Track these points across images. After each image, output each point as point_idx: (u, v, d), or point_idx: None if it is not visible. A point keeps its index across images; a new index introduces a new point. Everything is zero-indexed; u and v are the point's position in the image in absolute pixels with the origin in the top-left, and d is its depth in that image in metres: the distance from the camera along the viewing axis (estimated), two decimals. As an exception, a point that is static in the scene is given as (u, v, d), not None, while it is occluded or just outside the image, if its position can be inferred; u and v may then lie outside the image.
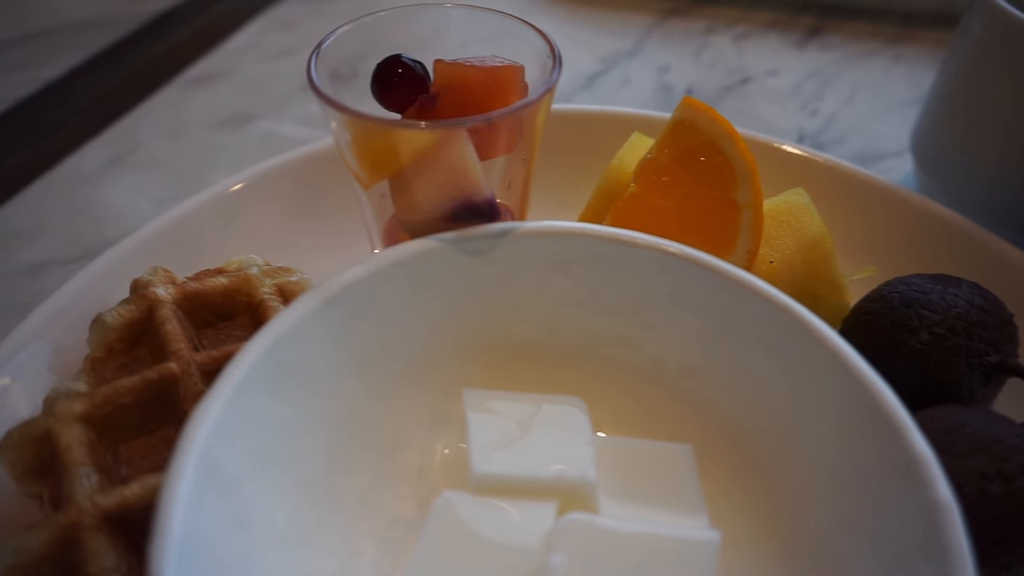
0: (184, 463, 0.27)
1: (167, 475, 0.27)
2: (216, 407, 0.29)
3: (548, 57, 0.38)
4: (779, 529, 0.31)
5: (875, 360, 0.33)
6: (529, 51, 0.39)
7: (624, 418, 0.36)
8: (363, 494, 0.34)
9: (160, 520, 0.26)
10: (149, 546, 0.25)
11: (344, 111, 0.35)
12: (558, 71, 0.36)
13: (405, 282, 0.36)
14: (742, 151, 0.41)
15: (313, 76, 0.36)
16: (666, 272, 0.36)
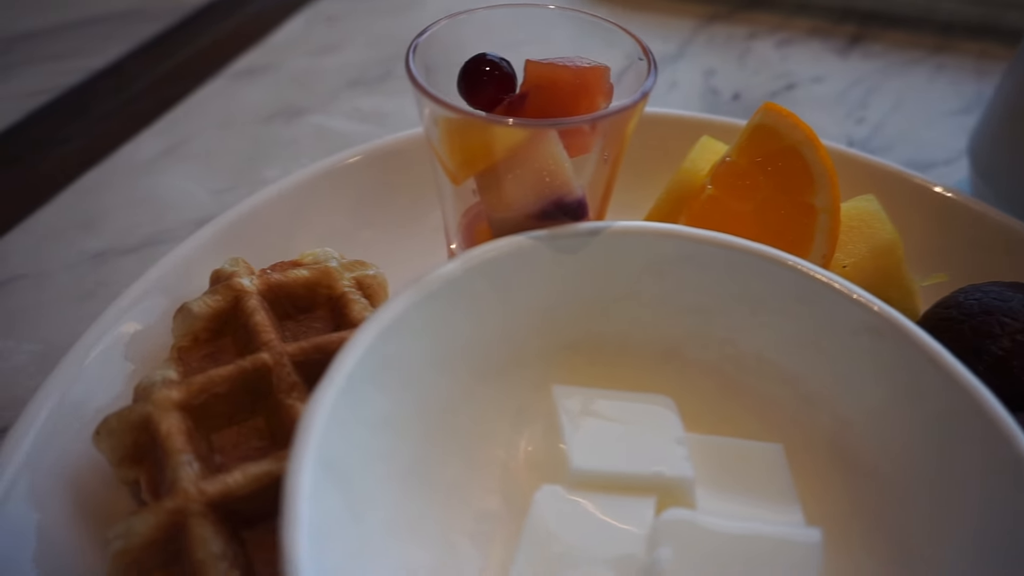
0: (305, 451, 0.28)
1: (290, 463, 0.27)
2: (330, 397, 0.29)
3: (639, 59, 0.38)
4: (875, 528, 0.32)
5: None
6: (618, 53, 0.39)
7: (711, 418, 0.36)
8: (453, 488, 0.35)
9: (288, 507, 0.26)
10: (279, 532, 0.26)
11: (446, 106, 0.35)
12: (654, 75, 0.37)
13: (497, 279, 0.36)
14: (822, 157, 0.42)
15: (412, 70, 0.36)
16: (756, 274, 0.36)
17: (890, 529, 0.32)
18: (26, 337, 0.49)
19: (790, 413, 0.36)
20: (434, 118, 0.37)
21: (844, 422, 0.34)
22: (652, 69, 0.37)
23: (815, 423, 0.35)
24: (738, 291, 0.37)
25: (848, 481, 0.34)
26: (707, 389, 0.37)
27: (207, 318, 0.39)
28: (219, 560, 0.31)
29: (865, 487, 0.33)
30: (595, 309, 0.38)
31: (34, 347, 0.48)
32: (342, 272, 0.42)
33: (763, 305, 0.36)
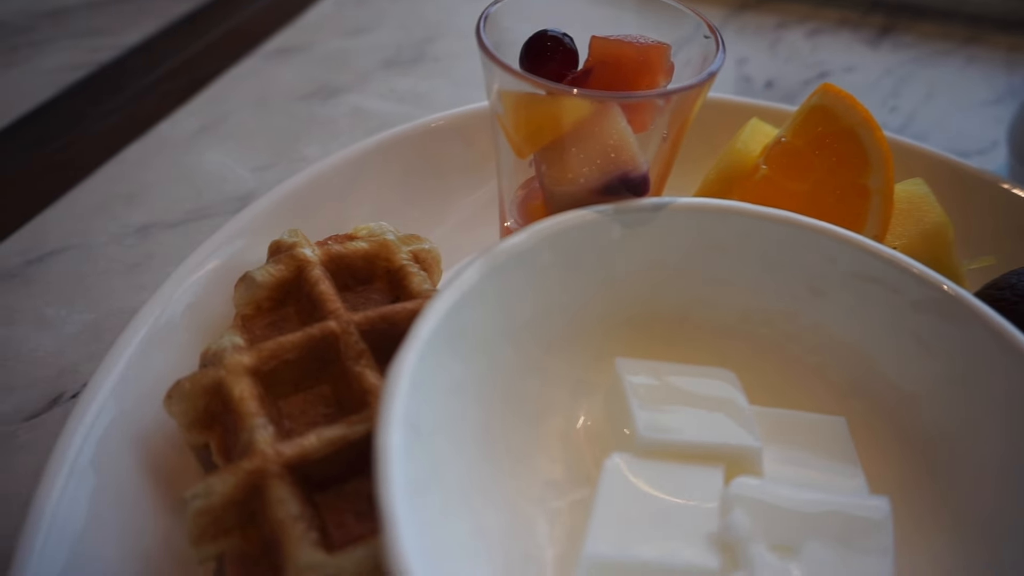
0: (393, 412, 0.28)
1: (379, 423, 0.28)
2: (412, 361, 0.30)
3: (705, 36, 0.39)
4: (939, 500, 0.33)
5: None
6: (682, 34, 0.40)
7: (773, 391, 0.37)
8: (518, 456, 0.35)
9: (381, 465, 0.27)
10: (375, 489, 0.26)
11: (521, 76, 0.36)
12: (722, 54, 0.37)
13: (562, 252, 0.37)
14: (879, 139, 0.42)
15: (484, 40, 0.37)
16: (817, 250, 0.37)
17: (955, 501, 0.32)
18: (77, 306, 0.49)
19: (852, 387, 0.36)
20: (502, 90, 0.38)
21: (907, 396, 0.35)
22: (720, 48, 0.38)
23: (878, 397, 0.36)
24: (799, 267, 0.37)
25: (910, 454, 0.34)
26: (768, 364, 0.38)
27: (270, 287, 0.40)
28: (297, 520, 0.31)
29: (928, 460, 0.33)
30: (656, 284, 0.39)
31: (86, 316, 0.49)
32: (399, 245, 0.42)
33: (824, 281, 0.37)
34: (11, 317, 0.49)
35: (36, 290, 0.50)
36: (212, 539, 0.32)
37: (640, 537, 0.30)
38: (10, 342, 0.47)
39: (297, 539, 0.31)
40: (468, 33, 0.80)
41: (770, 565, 0.29)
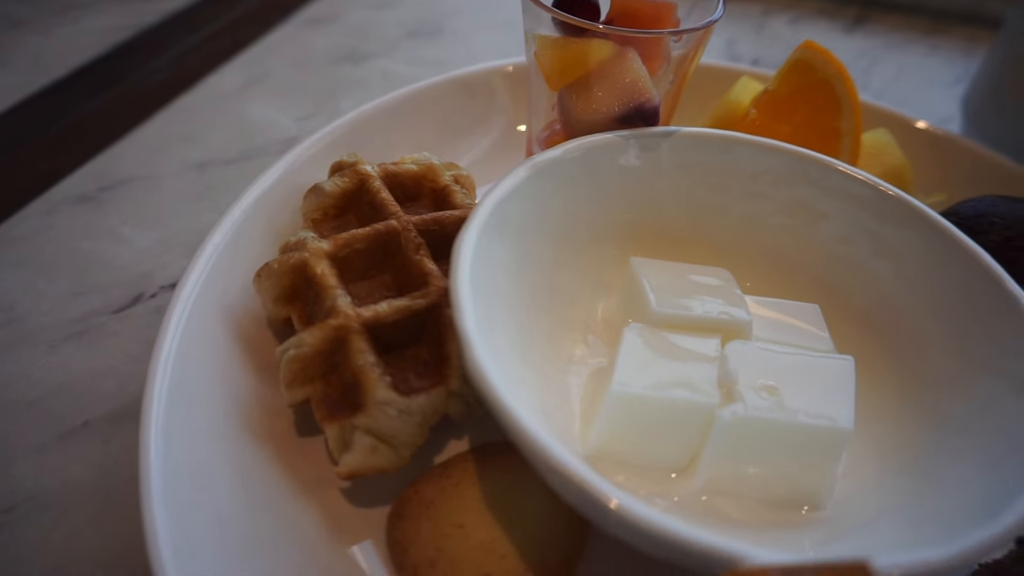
0: (461, 269, 0.35)
1: (451, 277, 0.35)
2: (472, 238, 0.37)
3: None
4: (895, 366, 0.40)
5: None
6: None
7: (761, 284, 0.45)
8: (549, 334, 0.42)
9: (457, 304, 0.34)
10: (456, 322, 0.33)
11: (558, 15, 0.43)
12: (722, 7, 0.45)
13: (587, 168, 0.44)
14: (849, 89, 0.50)
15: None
16: (808, 173, 0.44)
17: (904, 364, 0.40)
18: (147, 227, 0.56)
19: (826, 281, 0.44)
20: (538, 34, 0.45)
21: (870, 286, 0.43)
22: (720, 2, 0.45)
23: (847, 288, 0.43)
24: (793, 187, 0.45)
25: (869, 330, 0.42)
26: (759, 263, 0.45)
27: (336, 196, 0.46)
28: (374, 366, 0.38)
29: (882, 335, 0.41)
30: (666, 199, 0.46)
31: (156, 233, 0.55)
32: (443, 169, 0.49)
33: (813, 198, 0.44)
34: (90, 233, 0.55)
35: (111, 211, 0.57)
36: (301, 384, 0.39)
37: (655, 381, 0.37)
38: (92, 253, 0.53)
39: (375, 380, 0.37)
40: (482, 11, 0.88)
41: (757, 399, 0.36)
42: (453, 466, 0.39)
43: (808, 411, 0.36)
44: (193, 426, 0.38)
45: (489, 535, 0.36)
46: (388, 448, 0.37)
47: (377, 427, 0.37)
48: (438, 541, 0.36)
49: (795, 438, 0.36)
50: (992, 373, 0.36)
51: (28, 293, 0.50)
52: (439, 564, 0.35)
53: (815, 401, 0.36)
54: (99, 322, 0.49)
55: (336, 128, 0.54)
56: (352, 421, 0.37)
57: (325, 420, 0.38)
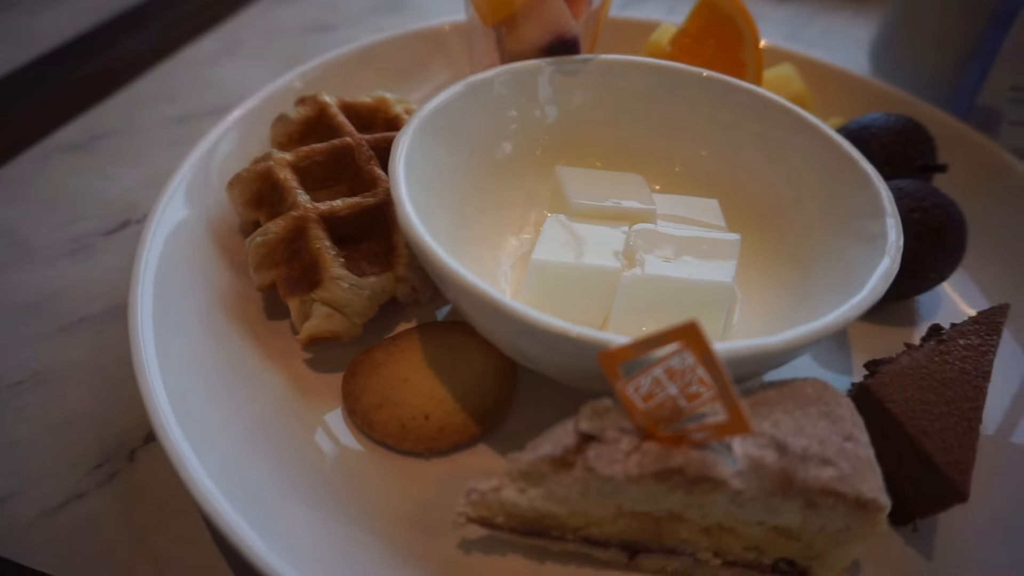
0: (399, 156, 0.42)
1: (391, 157, 0.41)
2: (408, 135, 0.44)
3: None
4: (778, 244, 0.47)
5: None
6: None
7: (670, 186, 0.51)
8: (485, 230, 0.49)
9: (394, 178, 0.40)
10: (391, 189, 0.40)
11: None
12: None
13: (517, 88, 0.51)
14: (749, 24, 0.57)
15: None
16: (715, 93, 0.51)
17: (789, 241, 0.47)
18: (132, 167, 0.62)
19: (729, 182, 0.50)
20: (473, -26, 0.52)
21: (760, 183, 0.49)
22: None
23: (741, 185, 0.50)
24: (700, 103, 0.51)
25: (764, 218, 0.49)
26: (671, 171, 0.52)
27: (300, 122, 0.53)
28: (330, 249, 0.44)
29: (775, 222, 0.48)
30: (591, 118, 0.52)
31: (140, 172, 0.61)
32: (395, 102, 0.56)
33: (717, 112, 0.51)
34: (81, 173, 0.61)
35: (99, 156, 0.63)
36: (267, 268, 0.45)
37: (570, 253, 0.44)
38: (83, 189, 0.60)
39: (330, 260, 0.44)
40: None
41: (654, 263, 0.43)
42: (400, 337, 0.45)
43: (697, 272, 0.43)
44: (177, 311, 0.44)
45: (429, 386, 0.43)
46: (341, 316, 0.43)
47: (332, 298, 0.43)
48: (385, 391, 0.42)
49: (686, 293, 0.42)
50: (847, 234, 0.43)
51: (27, 220, 0.56)
52: (385, 407, 0.41)
53: (704, 266, 0.43)
54: (91, 242, 0.55)
55: (303, 72, 0.61)
56: (311, 295, 0.44)
57: (288, 296, 0.44)
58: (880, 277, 0.37)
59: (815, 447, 0.31)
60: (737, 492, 0.31)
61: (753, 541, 0.33)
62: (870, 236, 0.40)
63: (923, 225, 0.46)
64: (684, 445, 0.31)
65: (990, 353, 0.39)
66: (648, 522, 0.33)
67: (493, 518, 0.34)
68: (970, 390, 0.37)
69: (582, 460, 0.31)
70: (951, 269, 0.48)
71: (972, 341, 0.40)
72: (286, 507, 0.37)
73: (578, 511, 0.33)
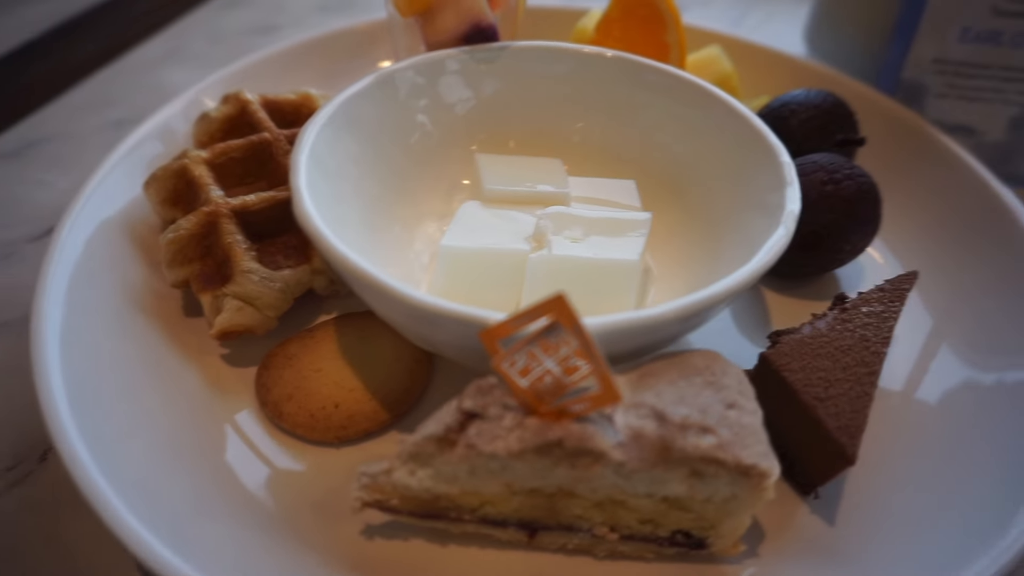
0: (303, 147, 0.42)
1: (294, 153, 0.41)
2: (317, 124, 0.44)
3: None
4: (694, 218, 0.47)
5: None
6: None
7: (589, 170, 0.51)
8: (405, 220, 0.49)
9: (294, 169, 0.40)
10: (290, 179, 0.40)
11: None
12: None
13: (434, 77, 0.51)
14: (670, 5, 0.57)
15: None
16: (623, 71, 0.51)
17: (701, 218, 0.47)
18: (65, 173, 0.62)
19: (646, 163, 0.50)
20: (386, -33, 0.52)
21: (677, 162, 0.49)
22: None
23: (659, 166, 0.50)
24: (617, 86, 0.51)
25: (679, 197, 0.49)
26: (590, 154, 0.52)
27: (221, 120, 0.53)
28: (241, 243, 0.44)
29: (689, 200, 0.48)
30: (508, 105, 0.52)
31: (73, 178, 0.61)
32: (320, 99, 0.56)
33: (633, 93, 0.51)
34: (16, 181, 0.61)
35: (35, 164, 0.63)
36: (180, 264, 0.45)
37: (480, 238, 0.44)
38: (16, 196, 0.60)
39: (241, 254, 0.44)
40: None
41: (563, 244, 0.43)
42: (316, 328, 0.45)
43: (604, 251, 0.43)
44: (89, 313, 0.44)
45: (341, 375, 0.43)
46: (253, 309, 0.43)
47: (243, 292, 0.43)
48: (297, 381, 0.42)
49: (594, 272, 0.42)
50: (752, 207, 0.43)
51: (-44, 228, 0.56)
52: (295, 397, 0.42)
53: (613, 245, 0.43)
54: (17, 248, 0.55)
55: (228, 70, 0.61)
56: (223, 290, 0.44)
57: (200, 291, 0.44)
58: (771, 247, 0.37)
59: (695, 416, 0.31)
60: (619, 464, 0.31)
61: (647, 514, 0.33)
62: (772, 208, 0.40)
63: (836, 197, 0.47)
64: (566, 419, 0.31)
65: (891, 319, 0.39)
66: (541, 499, 0.33)
67: (388, 501, 0.34)
68: (868, 356, 0.37)
69: (464, 438, 0.31)
70: (867, 240, 0.48)
71: (875, 308, 0.40)
72: (193, 506, 0.37)
73: (470, 491, 0.33)
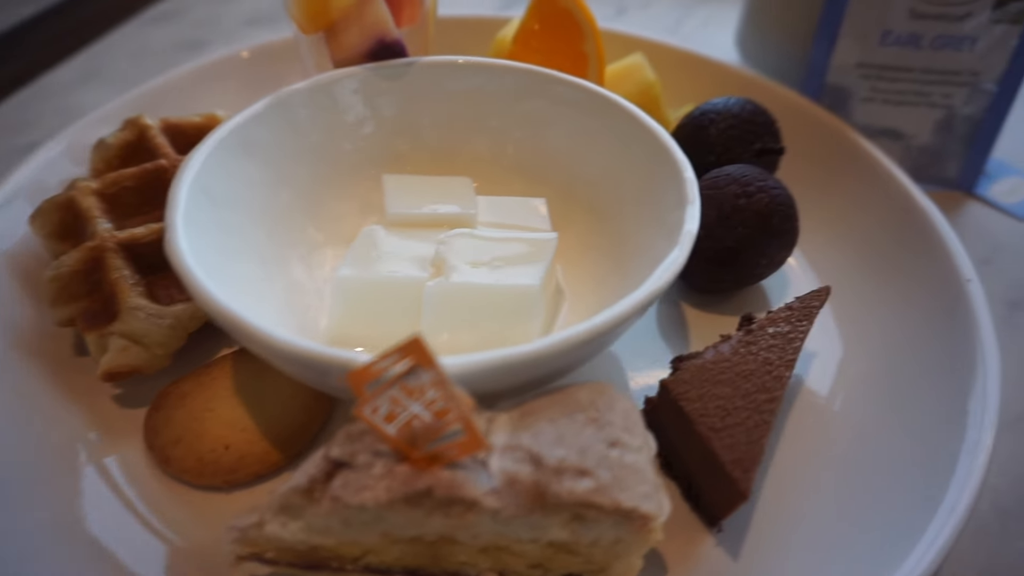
0: (184, 177, 0.40)
1: (173, 185, 0.39)
2: (209, 146, 0.42)
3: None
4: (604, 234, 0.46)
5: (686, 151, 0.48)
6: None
7: (502, 188, 0.49)
8: (313, 245, 0.47)
9: (171, 201, 0.38)
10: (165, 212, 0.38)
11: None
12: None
13: (339, 96, 0.49)
14: (587, 15, 0.55)
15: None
16: (533, 86, 0.49)
17: (609, 235, 0.45)
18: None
19: (558, 179, 0.49)
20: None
21: (588, 179, 0.48)
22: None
23: (570, 182, 0.49)
24: (528, 100, 0.50)
25: (591, 213, 0.47)
26: (504, 171, 0.50)
27: (118, 147, 0.50)
28: (128, 279, 0.42)
29: (599, 216, 0.47)
30: (421, 122, 0.51)
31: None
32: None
33: (543, 108, 0.49)
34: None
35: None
36: (65, 303, 0.43)
37: (376, 267, 0.42)
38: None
39: (127, 290, 0.42)
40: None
41: (462, 271, 0.41)
42: (212, 364, 0.43)
43: (505, 277, 0.41)
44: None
45: (235, 415, 0.41)
46: (140, 348, 0.41)
47: (129, 330, 0.41)
48: (188, 422, 0.40)
49: (493, 300, 0.40)
50: (657, 225, 0.41)
51: None
52: (185, 440, 0.40)
53: (514, 270, 0.41)
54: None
55: (134, 93, 0.59)
56: (109, 328, 0.42)
57: (86, 331, 0.42)
58: (663, 271, 0.35)
59: (573, 457, 0.29)
60: (494, 511, 0.29)
61: (534, 559, 0.32)
62: (672, 227, 0.39)
63: (749, 211, 0.45)
64: (438, 465, 0.29)
65: (797, 340, 0.38)
66: (423, 547, 0.32)
67: (264, 554, 0.32)
68: (770, 381, 0.36)
69: (330, 490, 0.29)
70: (785, 253, 0.47)
71: (781, 329, 0.38)
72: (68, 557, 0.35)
73: (348, 541, 0.32)
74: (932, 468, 0.38)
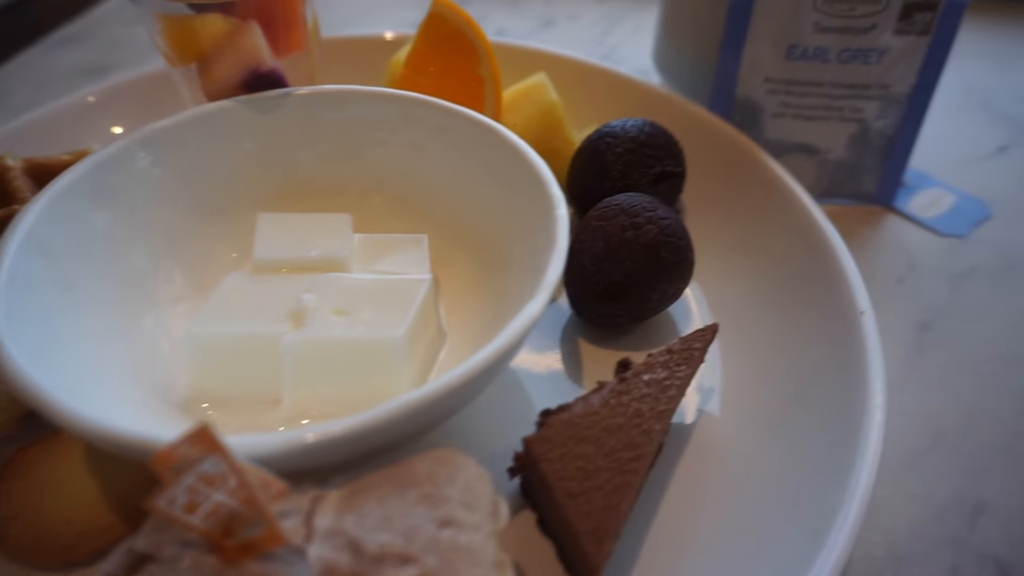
0: (16, 231, 0.37)
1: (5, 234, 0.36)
2: (50, 195, 0.39)
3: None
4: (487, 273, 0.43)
5: (585, 176, 0.45)
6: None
7: (383, 223, 0.47)
8: (179, 296, 0.44)
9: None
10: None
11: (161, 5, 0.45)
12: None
13: (209, 132, 0.46)
14: (480, 35, 0.53)
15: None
16: (410, 114, 0.47)
17: (491, 272, 0.43)
18: None
19: (439, 213, 0.46)
20: (155, 16, 0.47)
21: (470, 214, 0.45)
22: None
23: (451, 216, 0.46)
24: (407, 130, 0.47)
25: (471, 250, 0.45)
26: (386, 206, 0.48)
27: (-24, 191, 0.47)
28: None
29: (480, 252, 0.44)
30: (297, 157, 0.48)
31: None
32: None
33: (422, 137, 0.47)
34: None
35: None
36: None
37: (233, 319, 0.39)
38: None
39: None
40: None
41: (324, 321, 0.38)
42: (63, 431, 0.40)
43: (369, 327, 0.38)
44: None
45: (80, 486, 0.38)
46: (-23, 415, 0.38)
47: (-35, 397, 0.38)
48: (29, 496, 0.37)
49: (354, 353, 0.38)
50: (528, 268, 0.39)
51: None
52: (23, 515, 0.37)
53: (380, 318, 0.39)
54: None
55: (10, 131, 0.56)
56: (-55, 395, 0.39)
57: (-80, 398, 0.39)
58: (513, 331, 0.33)
59: (397, 542, 0.27)
60: (311, 605, 0.27)
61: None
62: (538, 271, 0.36)
63: (636, 244, 0.43)
64: (250, 555, 0.27)
65: (673, 388, 0.36)
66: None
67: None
68: (638, 436, 0.33)
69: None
70: (680, 285, 0.45)
71: (657, 375, 0.36)
72: None
73: (167, 637, 0.29)
74: (819, 509, 0.36)
